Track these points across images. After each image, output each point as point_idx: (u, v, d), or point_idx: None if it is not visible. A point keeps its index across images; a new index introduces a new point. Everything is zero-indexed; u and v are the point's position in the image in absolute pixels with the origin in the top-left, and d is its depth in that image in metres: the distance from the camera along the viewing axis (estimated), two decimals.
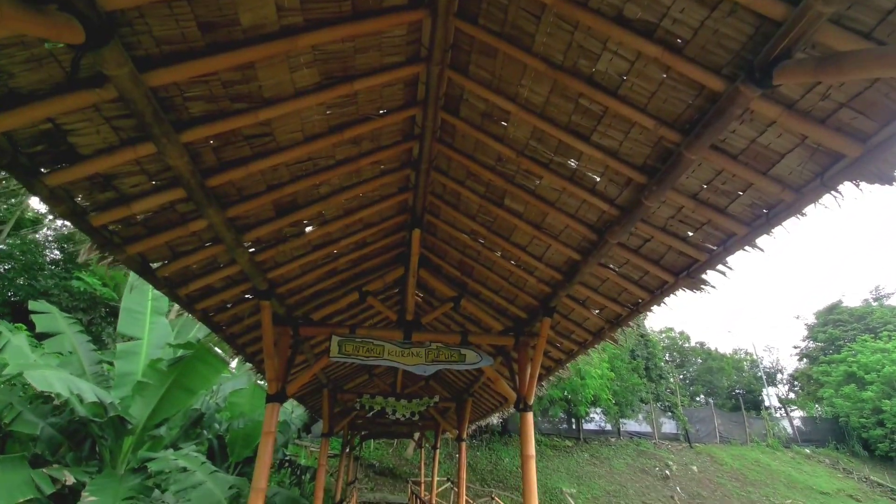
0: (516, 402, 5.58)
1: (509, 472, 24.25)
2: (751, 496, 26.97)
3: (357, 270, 5.81)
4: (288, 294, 5.39)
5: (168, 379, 7.64)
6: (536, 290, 5.31)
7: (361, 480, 21.28)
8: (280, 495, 10.21)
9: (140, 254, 3.40)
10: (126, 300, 8.43)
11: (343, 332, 5.50)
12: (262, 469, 4.71)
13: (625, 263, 4.18)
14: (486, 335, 5.95)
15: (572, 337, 5.80)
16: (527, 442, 5.32)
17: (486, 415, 10.64)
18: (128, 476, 7.05)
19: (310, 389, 9.76)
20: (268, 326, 4.75)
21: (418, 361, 5.53)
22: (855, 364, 36.94)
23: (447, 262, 5.99)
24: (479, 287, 5.95)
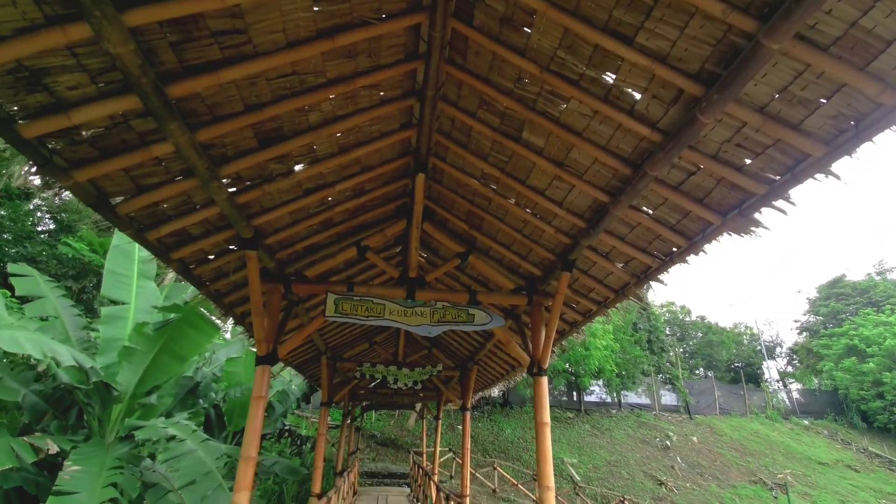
0: (529, 367, 5.12)
1: (510, 443, 24.29)
2: (750, 466, 27.13)
3: (355, 223, 5.27)
4: (278, 247, 4.86)
5: (156, 344, 7.20)
6: (554, 243, 4.77)
7: (363, 451, 21.26)
8: (280, 464, 9.93)
9: (93, 182, 2.86)
10: (110, 262, 7.93)
11: (340, 290, 5.00)
12: (252, 437, 4.28)
13: (661, 204, 3.63)
14: (496, 294, 5.45)
15: (591, 296, 5.30)
16: (541, 408, 4.88)
17: (493, 383, 10.28)
18: (116, 445, 6.67)
19: (307, 357, 9.35)
20: (255, 280, 4.24)
21: (423, 322, 5.04)
22: (856, 337, 36.97)
23: (454, 215, 5.45)
24: (489, 242, 5.42)
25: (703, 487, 23.77)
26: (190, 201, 3.52)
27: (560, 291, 4.71)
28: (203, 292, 4.64)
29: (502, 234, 5.24)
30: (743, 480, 25.36)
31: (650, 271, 4.30)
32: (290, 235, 4.81)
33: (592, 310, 5.45)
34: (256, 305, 4.38)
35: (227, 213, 3.66)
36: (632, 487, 21.99)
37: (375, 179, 4.77)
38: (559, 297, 4.72)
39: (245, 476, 4.13)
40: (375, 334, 10.16)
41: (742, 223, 3.26)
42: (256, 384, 4.52)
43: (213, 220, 3.92)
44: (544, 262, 5.19)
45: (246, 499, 4.08)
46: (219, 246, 4.26)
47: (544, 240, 4.85)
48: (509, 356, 8.24)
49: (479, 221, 5.29)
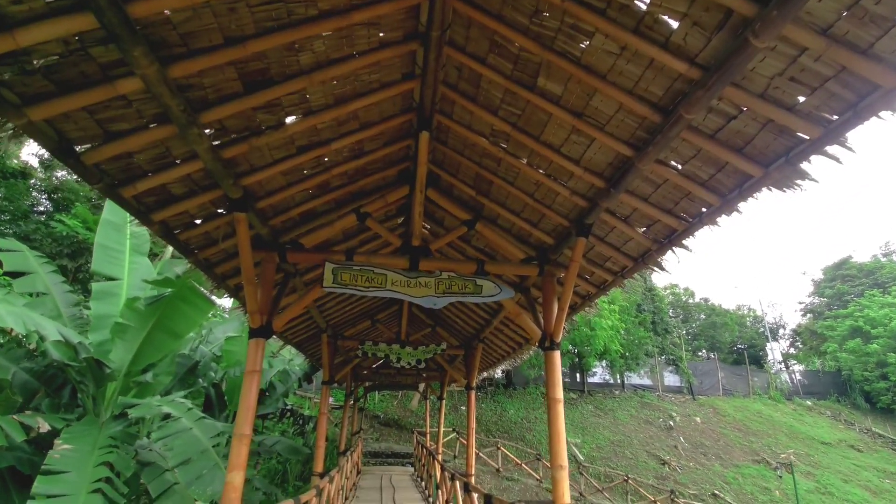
0: (541, 341, 4.81)
1: (514, 424, 24.28)
2: (753, 446, 27.16)
3: (354, 188, 4.91)
4: (271, 212, 4.51)
5: (149, 321, 6.91)
6: (569, 207, 4.41)
7: (366, 431, 21.25)
8: (281, 444, 9.76)
9: (51, 124, 2.50)
10: (101, 236, 7.60)
11: (338, 260, 4.67)
12: (246, 413, 4.00)
13: (693, 157, 3.26)
14: (505, 265, 5.11)
15: (606, 265, 4.96)
16: (554, 384, 4.59)
17: (498, 362, 10.03)
18: (110, 423, 6.44)
19: (307, 335, 9.09)
20: (245, 246, 3.90)
21: (427, 293, 4.72)
22: (861, 318, 36.85)
23: (460, 180, 5.08)
24: (498, 209, 5.06)
25: (707, 467, 23.79)
26: (168, 154, 3.16)
27: (575, 259, 4.36)
28: (191, 261, 4.31)
29: (512, 200, 4.88)
30: (746, 460, 25.39)
31: (675, 235, 3.95)
32: (284, 200, 4.46)
33: (608, 281, 5.11)
34: (248, 274, 4.06)
35: (212, 168, 3.31)
36: (635, 467, 22.00)
37: (375, 139, 4.40)
38: (574, 265, 4.38)
39: (239, 455, 3.86)
40: (377, 312, 9.88)
41: (787, 174, 2.89)
42: (250, 358, 4.22)
43: (197, 179, 3.56)
44: (557, 230, 4.83)
45: (240, 478, 3.82)
46: (205, 209, 3.92)
47: (558, 204, 4.49)
48: (517, 333, 7.95)
49: (487, 186, 4.92)
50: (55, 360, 6.78)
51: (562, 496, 4.19)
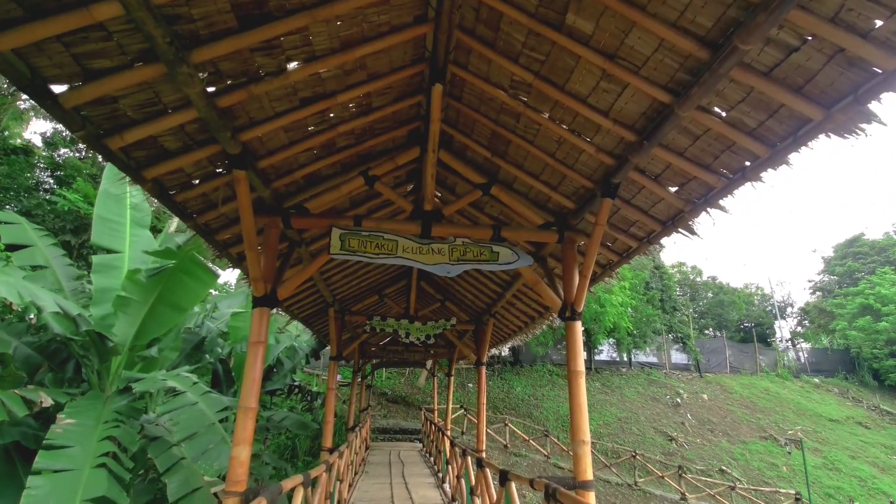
0: (561, 310, 4.54)
1: (521, 401, 24.33)
2: (760, 422, 27.15)
3: (361, 149, 4.60)
4: (274, 174, 4.22)
5: (151, 294, 6.71)
6: (593, 165, 4.09)
7: (374, 408, 21.34)
8: (290, 419, 9.68)
9: (21, 56, 2.20)
10: (100, 207, 7.35)
11: (346, 225, 4.39)
12: (251, 386, 3.79)
13: (741, 101, 2.92)
14: (522, 231, 4.82)
15: (631, 230, 4.65)
16: (575, 356, 4.34)
17: (510, 337, 9.81)
18: (115, 398, 6.30)
19: (314, 310, 8.89)
20: (245, 206, 3.62)
21: (440, 260, 4.44)
22: (872, 296, 36.49)
23: (474, 140, 4.74)
24: (515, 171, 4.74)
25: (714, 443, 23.82)
26: (158, 100, 2.85)
27: (599, 222, 4.06)
28: (190, 225, 4.04)
29: (531, 161, 4.55)
30: (753, 436, 25.40)
31: (711, 194, 3.62)
32: (287, 160, 4.16)
33: (632, 248, 4.81)
34: (249, 238, 3.79)
35: (207, 118, 3.00)
36: (642, 443, 22.04)
37: (384, 93, 4.06)
38: (598, 228, 4.08)
39: (244, 428, 3.66)
40: (385, 286, 9.65)
41: (852, 117, 2.55)
42: (254, 329, 3.99)
43: (191, 132, 3.27)
44: (579, 192, 4.51)
45: (246, 453, 3.63)
46: (202, 167, 3.63)
47: (581, 164, 4.17)
48: (530, 306, 7.70)
49: (504, 147, 4.59)
50: (57, 333, 6.61)
51: (584, 471, 3.97)
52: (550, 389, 25.94)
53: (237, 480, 3.48)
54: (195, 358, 9.76)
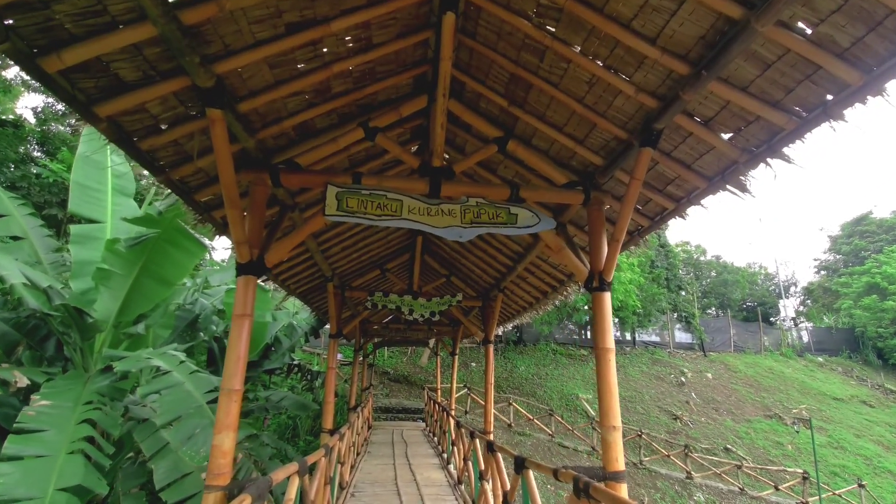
0: (587, 280, 4.01)
1: (524, 380, 24.10)
2: (765, 401, 26.96)
3: (360, 97, 4.00)
4: (259, 121, 3.64)
5: (134, 266, 6.19)
6: (631, 110, 3.50)
7: (376, 387, 21.09)
8: (288, 399, 9.27)
9: None
10: (77, 173, 6.77)
11: (344, 182, 3.83)
12: (235, 365, 3.29)
13: (836, 10, 2.32)
14: (543, 190, 4.25)
15: (668, 190, 4.08)
16: (603, 331, 3.83)
17: (519, 314, 9.32)
18: (97, 378, 5.83)
19: (312, 285, 8.38)
20: (223, 152, 3.06)
21: (451, 223, 3.90)
22: (879, 275, 36.14)
23: (489, 87, 4.14)
24: (535, 123, 4.15)
25: (719, 422, 23.63)
26: (104, 9, 2.26)
27: (637, 176, 3.50)
28: (161, 181, 3.48)
29: (555, 109, 3.96)
30: (758, 415, 25.22)
31: (777, 139, 3.05)
32: (274, 106, 3.57)
33: (666, 210, 4.25)
34: (230, 193, 3.23)
35: (169, 37, 2.42)
36: (647, 422, 21.83)
37: (386, 24, 3.45)
38: (635, 183, 3.52)
39: (228, 413, 3.18)
40: (388, 260, 9.13)
41: None
42: (238, 300, 3.47)
43: (152, 59, 2.68)
44: (609, 145, 3.93)
45: (230, 441, 3.15)
46: (171, 107, 3.05)
47: (616, 109, 3.58)
48: (542, 281, 7.18)
49: (524, 93, 3.99)
50: (34, 309, 6.12)
51: (615, 460, 3.51)
52: (554, 368, 25.70)
53: (219, 473, 3.01)
54: (189, 336, 9.31)
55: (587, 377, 25.51)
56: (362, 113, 4.25)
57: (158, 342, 8.47)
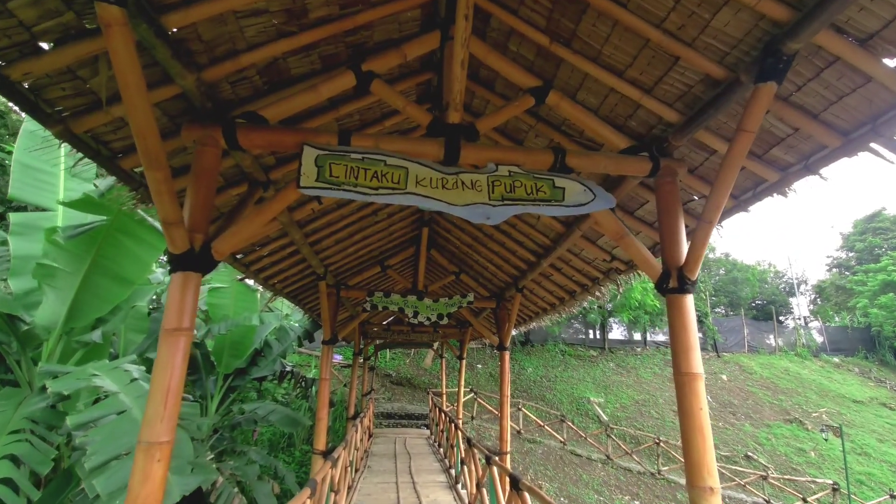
0: (662, 279, 2.92)
1: (533, 383, 23.07)
2: (783, 404, 25.84)
3: (349, 26, 2.89)
4: (204, 52, 2.55)
5: (83, 262, 5.14)
6: (739, 31, 2.40)
7: (378, 391, 20.03)
8: (277, 413, 8.22)
9: None
10: (21, 151, 5.70)
11: (327, 142, 2.75)
12: (161, 405, 2.21)
13: None
14: (597, 156, 3.14)
15: (772, 154, 2.97)
16: (686, 350, 2.74)
17: (539, 315, 8.23)
18: (33, 399, 4.78)
19: (301, 284, 7.31)
20: (130, 76, 1.97)
21: (475, 198, 2.81)
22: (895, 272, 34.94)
23: (524, 19, 3.04)
24: (587, 65, 3.05)
25: (737, 427, 22.52)
26: None
27: (748, 127, 2.40)
28: (56, 134, 2.40)
29: (615, 43, 2.86)
30: (777, 419, 24.09)
31: None
32: (225, 29, 2.49)
33: (764, 183, 3.14)
34: (147, 144, 2.14)
35: None
36: (662, 427, 20.74)
37: None
38: (744, 137, 2.43)
39: (146, 478, 2.10)
40: (389, 256, 8.05)
41: None
42: (171, 306, 2.38)
43: None
44: (692, 92, 2.84)
45: None
46: (50, 9, 1.96)
47: (713, 31, 2.48)
48: (572, 279, 6.08)
49: (573, 22, 2.89)
50: None
51: None
52: (563, 370, 24.63)
53: None
54: None
55: (598, 379, 24.43)
56: (354, 55, 3.17)
57: (131, 349, 7.43)
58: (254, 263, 5.44)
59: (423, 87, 4.09)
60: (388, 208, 6.07)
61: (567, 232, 4.96)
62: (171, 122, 2.86)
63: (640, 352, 28.36)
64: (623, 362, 26.61)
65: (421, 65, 3.82)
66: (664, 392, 23.97)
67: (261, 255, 5.28)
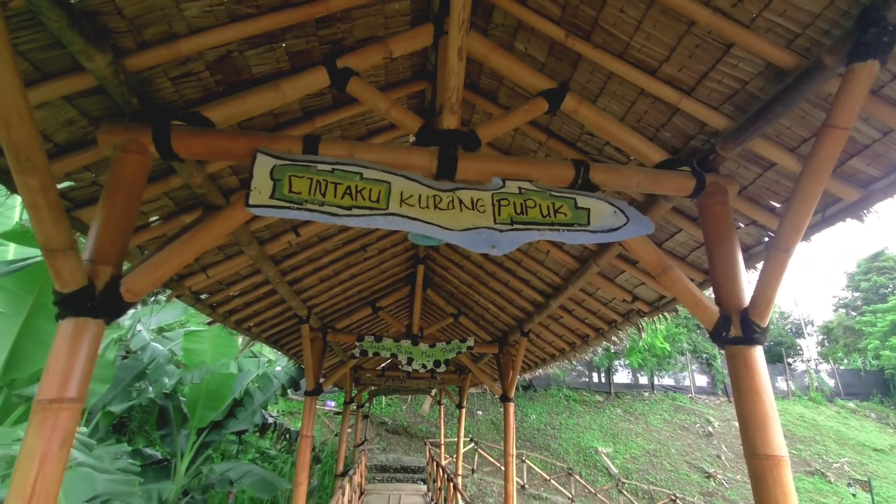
0: (719, 325, 2.25)
1: (536, 430, 21.77)
2: (802, 454, 24.41)
3: (322, 11, 2.37)
4: (130, 35, 1.99)
5: (25, 302, 4.47)
6: (816, 5, 1.85)
7: (372, 439, 18.78)
8: (251, 476, 7.29)
9: None
10: None
11: (287, 149, 2.15)
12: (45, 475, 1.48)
13: None
14: (627, 171, 2.54)
15: (848, 166, 2.38)
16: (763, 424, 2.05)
17: (546, 362, 7.47)
18: None
19: (283, 327, 6.58)
20: None
21: (477, 221, 2.18)
22: None
23: (536, 8, 2.52)
24: (611, 62, 2.50)
25: None
26: None
27: (839, 123, 1.81)
28: None
29: (649, 32, 2.32)
30: (798, 471, 22.60)
31: None
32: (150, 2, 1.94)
33: (837, 202, 2.53)
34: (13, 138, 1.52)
35: None
36: (677, 481, 19.35)
37: None
38: (834, 136, 1.83)
39: None
40: (381, 297, 7.35)
41: None
42: (51, 367, 1.70)
43: None
44: (746, 90, 2.27)
45: None
46: None
47: (780, 6, 1.93)
48: (584, 321, 5.38)
49: (595, 9, 2.37)
50: None
51: None
52: (568, 417, 23.35)
53: None
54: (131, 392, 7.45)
55: (605, 427, 23.11)
56: (330, 56, 2.62)
57: (92, 401, 6.63)
58: (222, 305, 4.76)
59: (415, 100, 3.56)
60: (378, 243, 5.45)
61: (581, 269, 4.31)
62: (92, 126, 2.27)
63: (648, 396, 27.09)
64: (630, 408, 25.34)
65: (413, 73, 3.30)
66: (675, 441, 22.64)
67: (229, 294, 4.61)
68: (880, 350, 34.72)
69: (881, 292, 41.44)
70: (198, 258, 3.74)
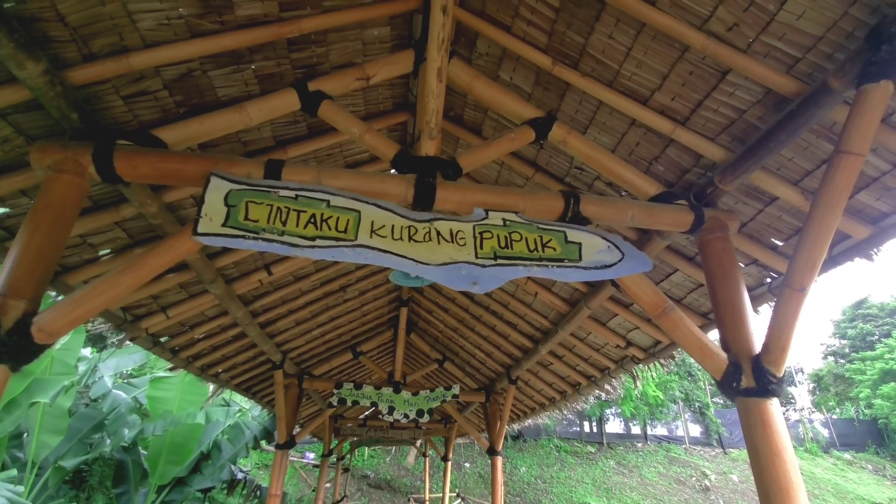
0: (728, 374, 1.99)
1: (526, 484, 20.73)
2: None
3: (293, 31, 2.23)
4: (73, 44, 1.81)
5: None
6: (818, 26, 1.74)
7: (353, 495, 17.63)
8: None
9: None
10: None
11: (245, 172, 1.93)
12: None
13: None
14: (621, 203, 2.35)
15: (857, 200, 2.22)
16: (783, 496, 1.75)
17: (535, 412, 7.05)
18: None
19: (255, 373, 6.14)
20: None
21: (456, 255, 1.95)
22: (893, 361, 34.05)
23: (520, 36, 2.41)
24: (601, 91, 2.37)
25: None
26: None
27: (854, 149, 1.65)
28: None
29: (639, 59, 2.20)
30: None
31: None
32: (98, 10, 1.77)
33: (845, 240, 2.36)
34: None
35: None
36: None
37: None
38: (848, 162, 1.66)
39: None
40: (362, 340, 6.97)
41: None
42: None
43: None
44: (744, 119, 2.13)
45: None
46: None
47: (786, 20, 1.81)
48: (576, 369, 5.07)
49: (583, 35, 2.25)
50: None
51: None
52: (559, 470, 22.34)
53: None
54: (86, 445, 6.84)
55: (597, 480, 22.09)
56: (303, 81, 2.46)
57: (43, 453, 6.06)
58: (185, 349, 4.38)
59: (397, 132, 3.41)
60: (358, 283, 5.18)
61: (571, 312, 4.06)
62: (29, 145, 2.04)
63: (642, 447, 26.18)
64: (624, 459, 24.40)
65: (394, 105, 3.16)
66: (672, 496, 21.65)
67: (193, 337, 4.25)
68: (872, 399, 34.44)
69: (868, 339, 41.58)
70: (156, 297, 3.43)
